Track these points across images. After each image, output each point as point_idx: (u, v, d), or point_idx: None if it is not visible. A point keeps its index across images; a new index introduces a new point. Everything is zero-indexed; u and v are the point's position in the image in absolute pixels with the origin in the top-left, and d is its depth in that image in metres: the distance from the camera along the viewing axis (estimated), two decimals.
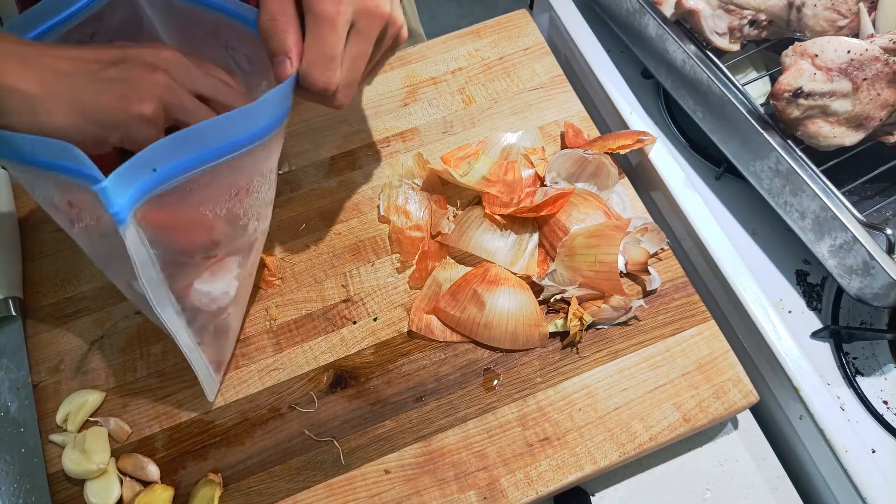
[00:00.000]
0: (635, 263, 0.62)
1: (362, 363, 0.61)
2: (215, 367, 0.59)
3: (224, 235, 0.51)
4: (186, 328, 0.52)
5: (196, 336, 0.54)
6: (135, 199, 0.42)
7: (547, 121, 0.72)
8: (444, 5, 2.09)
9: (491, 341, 0.60)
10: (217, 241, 0.51)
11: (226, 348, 0.60)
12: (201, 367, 0.56)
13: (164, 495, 0.55)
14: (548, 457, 0.56)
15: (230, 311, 0.56)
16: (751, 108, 0.64)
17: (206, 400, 0.59)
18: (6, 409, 0.60)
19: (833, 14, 0.65)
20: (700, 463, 0.59)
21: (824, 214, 0.59)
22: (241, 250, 0.54)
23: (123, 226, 0.41)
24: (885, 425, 0.60)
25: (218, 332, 0.57)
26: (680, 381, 0.59)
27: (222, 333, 0.58)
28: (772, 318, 0.60)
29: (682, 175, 0.67)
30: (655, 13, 0.70)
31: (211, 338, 0.56)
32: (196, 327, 0.54)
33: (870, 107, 0.61)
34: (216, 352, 0.58)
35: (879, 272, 0.56)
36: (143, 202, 0.43)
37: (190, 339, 0.53)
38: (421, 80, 0.75)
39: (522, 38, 0.78)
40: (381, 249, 0.66)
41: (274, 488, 0.56)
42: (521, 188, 0.66)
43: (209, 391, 0.58)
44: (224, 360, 0.60)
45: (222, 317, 0.56)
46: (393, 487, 0.56)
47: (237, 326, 0.61)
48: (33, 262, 0.67)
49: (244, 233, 0.52)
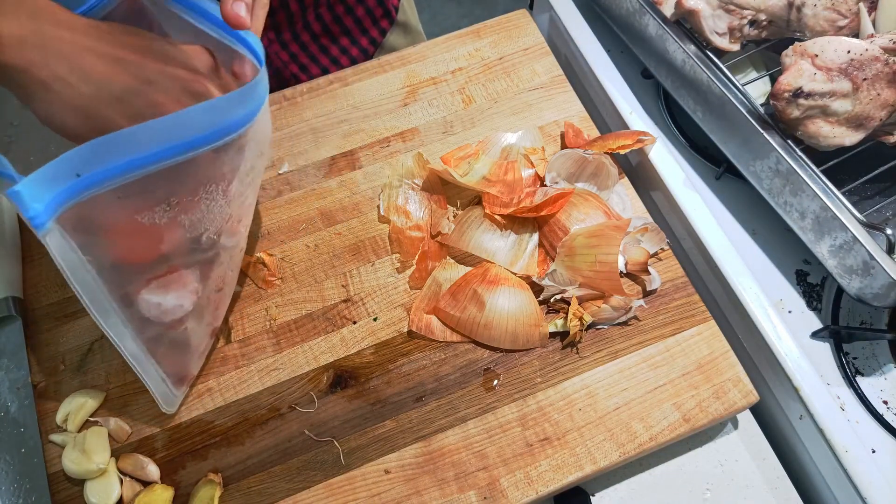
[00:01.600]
0: (635, 263, 0.62)
1: (362, 363, 0.61)
2: (175, 380, 0.57)
3: (172, 246, 0.49)
4: (134, 337, 0.51)
5: (146, 346, 0.52)
6: (57, 204, 0.40)
7: (547, 121, 0.72)
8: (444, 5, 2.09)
9: (491, 341, 0.60)
10: (164, 253, 0.49)
11: (188, 363, 0.58)
12: (153, 378, 0.54)
13: (164, 495, 0.55)
14: (548, 457, 0.56)
15: (189, 325, 0.54)
16: (751, 108, 0.64)
17: (206, 399, 0.59)
18: (6, 409, 0.60)
19: (833, 14, 0.65)
20: (700, 463, 0.60)
21: (824, 214, 0.59)
22: (198, 264, 0.52)
23: (42, 231, 0.40)
24: (885, 425, 0.60)
25: (176, 345, 0.55)
26: (680, 381, 0.59)
27: (181, 347, 0.56)
28: (772, 318, 0.60)
29: (682, 175, 0.67)
30: (655, 13, 0.70)
31: (168, 350, 0.54)
32: (146, 338, 0.52)
33: (870, 107, 0.61)
34: (175, 365, 0.56)
35: (879, 272, 0.56)
36: (67, 208, 0.41)
37: (138, 347, 0.51)
38: (421, 80, 0.75)
39: (522, 38, 0.78)
40: (381, 249, 0.66)
41: (274, 488, 0.56)
42: (521, 188, 0.66)
43: (164, 403, 0.57)
44: (187, 374, 0.59)
45: (178, 329, 0.54)
46: (393, 487, 0.56)
47: (202, 343, 0.59)
48: (33, 262, 0.67)
49: (197, 245, 0.50)
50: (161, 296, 0.50)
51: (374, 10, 0.84)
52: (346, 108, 0.74)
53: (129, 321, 0.50)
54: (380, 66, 0.76)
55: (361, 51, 0.86)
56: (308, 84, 0.75)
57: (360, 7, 0.83)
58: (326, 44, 0.84)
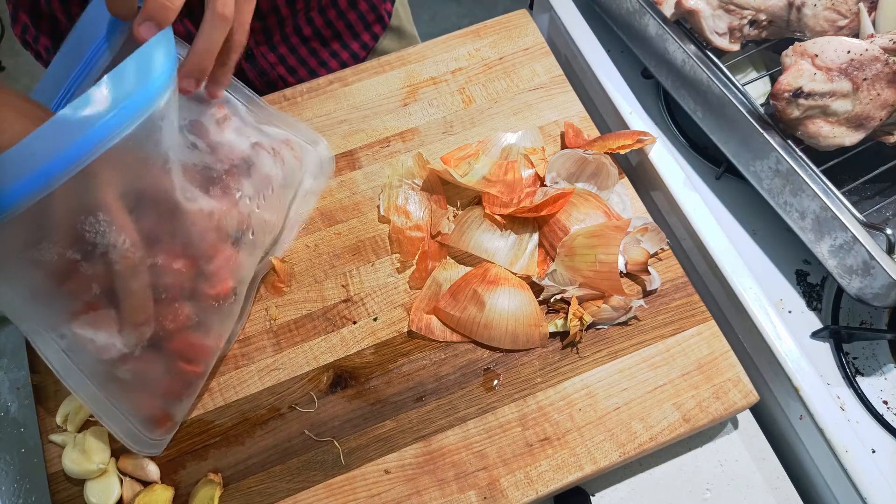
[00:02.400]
0: (635, 263, 0.62)
1: (362, 363, 0.61)
2: (145, 422, 0.53)
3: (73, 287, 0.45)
4: (82, 372, 0.48)
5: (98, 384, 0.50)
6: None
7: (547, 121, 0.72)
8: (444, 5, 2.09)
9: (491, 341, 0.60)
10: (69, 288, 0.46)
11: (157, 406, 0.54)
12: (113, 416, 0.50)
13: (164, 495, 0.55)
14: (548, 457, 0.56)
15: (137, 368, 0.51)
16: (751, 108, 0.64)
17: (206, 399, 0.59)
18: (6, 409, 0.60)
19: (833, 14, 0.65)
20: (700, 463, 0.60)
21: (824, 214, 0.59)
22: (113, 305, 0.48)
23: None
24: (885, 425, 0.60)
25: (129, 386, 0.51)
26: (680, 381, 0.59)
27: (138, 388, 0.52)
28: (772, 318, 0.60)
29: (682, 175, 0.67)
30: (655, 13, 0.70)
31: (120, 389, 0.51)
32: (96, 377, 0.49)
33: (870, 107, 0.61)
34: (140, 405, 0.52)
35: (879, 272, 0.56)
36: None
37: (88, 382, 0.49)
38: (421, 80, 0.75)
39: (522, 38, 0.78)
40: (381, 249, 0.66)
41: (274, 488, 0.56)
42: (521, 188, 0.66)
43: (133, 443, 0.52)
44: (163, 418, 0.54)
45: (123, 368, 0.50)
46: (393, 487, 0.56)
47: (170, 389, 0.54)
48: None
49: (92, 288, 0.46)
50: (92, 331, 0.47)
51: (366, 14, 0.84)
52: (346, 108, 0.74)
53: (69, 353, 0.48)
54: (380, 66, 0.76)
55: (352, 55, 0.86)
56: (308, 84, 0.75)
57: (353, 12, 0.83)
58: (316, 47, 0.83)
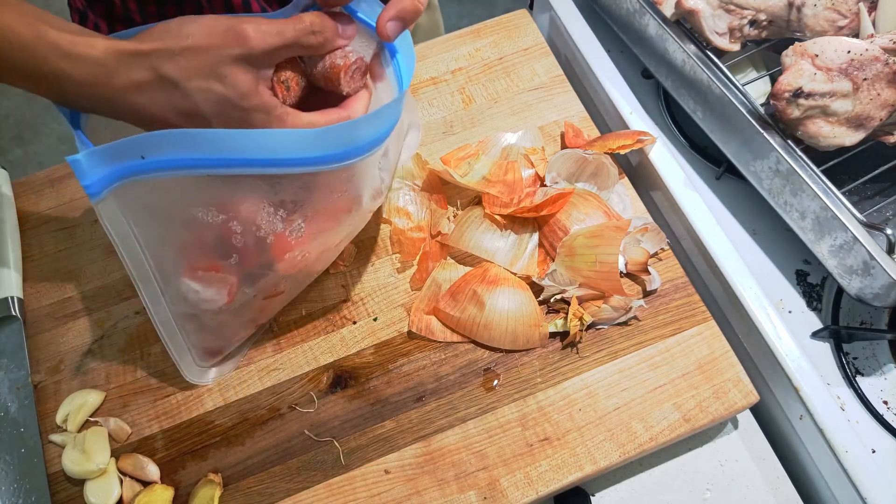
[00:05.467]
0: (635, 263, 0.62)
1: (362, 363, 0.61)
2: (203, 353, 0.59)
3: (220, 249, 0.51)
4: (168, 307, 0.53)
5: (177, 318, 0.54)
6: (117, 177, 0.43)
7: (547, 121, 0.72)
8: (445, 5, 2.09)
9: (491, 341, 0.60)
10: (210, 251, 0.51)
11: (218, 343, 0.59)
12: (178, 345, 0.56)
13: (164, 495, 0.55)
14: (548, 457, 0.56)
15: (222, 318, 0.56)
16: (751, 108, 0.64)
17: (206, 400, 0.59)
18: (6, 409, 0.60)
19: (833, 14, 0.65)
20: (700, 463, 0.59)
21: (824, 214, 0.59)
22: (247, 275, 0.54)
23: (95, 199, 0.44)
24: (885, 425, 0.60)
25: (205, 327, 0.57)
26: (680, 382, 0.59)
27: (212, 331, 0.57)
28: (772, 318, 0.60)
29: (682, 175, 0.67)
30: (655, 13, 0.70)
31: (196, 328, 0.56)
32: (179, 314, 0.54)
33: (870, 107, 0.61)
34: (205, 341, 0.58)
35: (879, 272, 0.56)
36: (125, 183, 0.44)
37: (170, 315, 0.54)
38: (421, 80, 0.75)
39: (522, 38, 0.78)
40: (381, 250, 0.66)
41: (274, 488, 0.56)
42: (521, 188, 0.66)
43: (187, 372, 0.59)
44: (217, 350, 0.60)
45: (212, 317, 0.56)
46: (393, 487, 0.56)
47: (237, 332, 0.60)
48: (33, 262, 0.67)
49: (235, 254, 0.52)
50: (201, 286, 0.53)
51: None
52: None
53: (165, 293, 0.52)
54: None
55: None
56: None
57: None
58: None
